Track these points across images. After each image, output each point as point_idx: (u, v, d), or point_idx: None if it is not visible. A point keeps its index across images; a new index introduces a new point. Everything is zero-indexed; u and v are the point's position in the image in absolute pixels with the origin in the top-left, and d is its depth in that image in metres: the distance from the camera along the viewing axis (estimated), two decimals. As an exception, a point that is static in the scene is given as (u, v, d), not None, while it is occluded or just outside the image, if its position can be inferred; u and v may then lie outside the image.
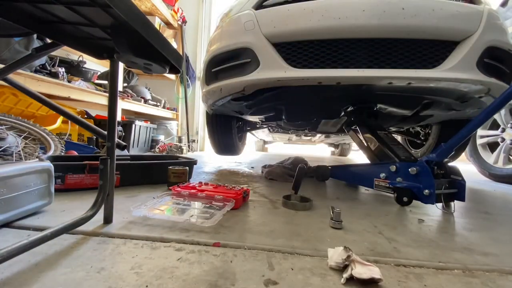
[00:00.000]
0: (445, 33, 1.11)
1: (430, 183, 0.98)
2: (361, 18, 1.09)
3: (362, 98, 1.45)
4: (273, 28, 1.17)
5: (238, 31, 1.25)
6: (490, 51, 1.14)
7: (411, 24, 1.08)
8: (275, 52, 1.18)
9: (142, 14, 0.49)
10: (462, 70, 1.10)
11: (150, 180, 1.26)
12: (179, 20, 3.91)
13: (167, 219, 0.75)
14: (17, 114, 1.78)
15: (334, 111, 1.68)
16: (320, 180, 1.56)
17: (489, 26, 1.12)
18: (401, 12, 1.07)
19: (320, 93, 1.37)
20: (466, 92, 1.21)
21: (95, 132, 1.14)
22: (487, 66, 1.14)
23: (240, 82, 1.25)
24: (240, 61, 1.26)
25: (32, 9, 0.50)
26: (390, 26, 1.09)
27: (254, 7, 1.27)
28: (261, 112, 1.79)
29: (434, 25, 1.08)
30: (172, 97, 4.20)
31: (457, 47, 1.13)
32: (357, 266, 0.49)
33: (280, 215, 0.87)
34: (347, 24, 1.10)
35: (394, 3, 1.09)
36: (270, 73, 1.18)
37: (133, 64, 0.64)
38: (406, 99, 1.39)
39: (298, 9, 1.15)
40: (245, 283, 0.46)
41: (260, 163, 2.57)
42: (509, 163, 2.13)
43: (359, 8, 1.10)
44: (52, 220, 0.70)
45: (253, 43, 1.20)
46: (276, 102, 1.57)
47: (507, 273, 0.56)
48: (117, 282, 0.44)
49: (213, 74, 1.40)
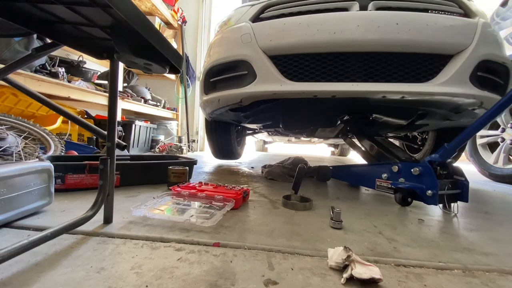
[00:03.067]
0: (439, 47, 1.11)
1: (433, 184, 0.97)
2: (355, 32, 1.10)
3: (357, 108, 1.46)
4: (269, 42, 1.19)
5: (236, 44, 1.27)
6: (483, 64, 1.14)
7: (405, 39, 1.09)
8: (272, 64, 1.20)
9: (142, 14, 0.49)
10: (455, 84, 1.11)
11: (150, 180, 1.26)
12: (179, 20, 3.91)
13: (167, 219, 0.75)
14: (17, 114, 1.78)
15: (331, 121, 1.69)
16: (322, 180, 1.56)
17: (483, 40, 1.12)
18: (395, 27, 1.08)
19: (316, 105, 1.39)
20: (460, 104, 1.22)
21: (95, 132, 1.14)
22: (480, 80, 1.15)
23: (237, 94, 1.27)
24: (237, 73, 1.28)
25: (32, 9, 0.50)
26: (384, 41, 1.10)
27: (251, 20, 1.29)
28: (259, 121, 1.82)
29: (428, 40, 1.09)
30: (172, 97, 4.20)
31: (451, 60, 1.13)
32: (357, 266, 0.49)
33: (280, 215, 0.87)
34: (342, 39, 1.11)
35: (388, 18, 1.10)
36: (266, 86, 1.19)
37: (133, 64, 0.64)
38: (401, 110, 1.41)
39: (294, 23, 1.17)
40: (245, 283, 0.46)
41: (260, 163, 2.57)
42: (509, 163, 2.13)
43: (353, 23, 1.11)
44: (52, 220, 0.70)
45: (250, 55, 1.22)
46: (273, 113, 1.59)
47: (507, 273, 0.56)
48: (117, 282, 0.44)
49: (211, 83, 1.42)
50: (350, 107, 1.42)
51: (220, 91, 1.36)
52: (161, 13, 3.52)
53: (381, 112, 1.49)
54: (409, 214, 0.97)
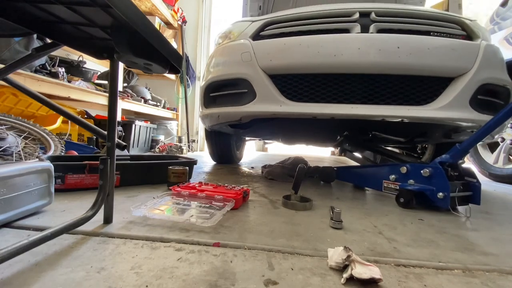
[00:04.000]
0: (439, 70, 1.11)
1: (445, 185, 0.94)
2: (356, 56, 1.10)
3: (356, 126, 1.47)
4: (269, 62, 1.19)
5: (236, 61, 1.27)
6: (484, 87, 1.13)
7: (406, 63, 1.08)
8: (271, 84, 1.20)
9: (142, 14, 0.49)
10: (455, 108, 1.10)
11: (150, 180, 1.26)
12: (179, 20, 3.91)
13: (167, 219, 0.75)
14: (17, 114, 1.78)
15: (330, 138, 1.70)
16: (326, 181, 1.54)
17: (485, 63, 1.12)
18: (396, 51, 1.08)
19: (315, 123, 1.39)
20: (459, 126, 1.23)
21: (95, 132, 1.14)
22: (480, 103, 1.14)
23: (237, 112, 1.28)
24: (237, 90, 1.28)
25: (32, 9, 0.50)
26: (385, 64, 1.10)
27: (251, 37, 1.29)
28: (258, 135, 1.83)
29: (428, 64, 1.09)
30: (172, 97, 4.20)
31: (451, 83, 1.13)
32: (357, 266, 0.49)
33: (280, 215, 0.87)
34: (343, 61, 1.11)
35: (389, 42, 1.10)
36: (266, 107, 1.20)
37: (133, 64, 0.64)
38: (400, 129, 1.41)
39: (294, 44, 1.17)
40: (245, 283, 0.46)
41: (260, 163, 2.57)
42: (509, 163, 2.13)
43: (354, 46, 1.10)
44: (52, 220, 0.70)
45: (249, 74, 1.22)
46: (272, 129, 1.60)
47: (507, 273, 0.56)
48: (117, 282, 0.44)
49: (211, 98, 1.43)
50: (349, 125, 1.42)
51: (219, 107, 1.36)
52: (161, 13, 3.52)
53: (380, 130, 1.50)
54: (409, 214, 0.97)
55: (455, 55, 1.10)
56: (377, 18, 1.16)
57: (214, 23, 4.50)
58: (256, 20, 1.33)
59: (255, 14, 2.45)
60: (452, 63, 1.10)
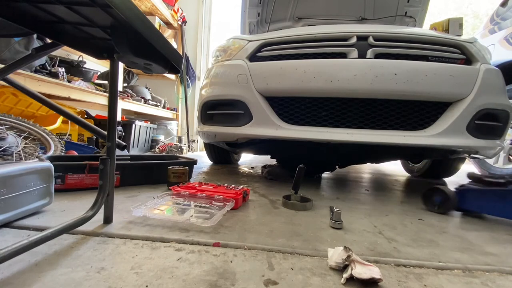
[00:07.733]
0: (437, 96, 1.10)
1: None
2: (353, 82, 1.09)
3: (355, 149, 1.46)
4: (265, 85, 1.19)
5: (232, 83, 1.27)
6: (482, 112, 1.12)
7: (403, 89, 1.08)
8: (268, 106, 1.21)
9: (142, 14, 0.49)
10: (451, 135, 1.09)
11: (150, 180, 1.26)
12: (179, 20, 3.91)
13: (167, 219, 0.75)
14: (17, 114, 1.78)
15: (328, 165, 1.71)
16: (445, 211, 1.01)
17: (484, 88, 1.10)
18: (393, 78, 1.08)
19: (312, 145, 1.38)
20: (455, 150, 1.22)
21: (95, 132, 1.15)
22: (478, 128, 1.13)
23: (233, 134, 1.29)
24: (234, 111, 1.28)
25: (32, 9, 0.50)
26: (382, 91, 1.09)
27: (248, 58, 1.28)
28: (255, 153, 1.85)
29: (426, 90, 1.08)
30: (172, 97, 4.19)
31: (449, 108, 1.12)
32: (357, 266, 0.49)
33: (280, 215, 0.87)
34: (339, 87, 1.11)
35: (386, 68, 1.09)
36: (262, 130, 1.20)
37: (133, 64, 0.64)
38: (397, 151, 1.40)
39: (291, 68, 1.16)
40: (245, 283, 0.46)
41: (260, 163, 2.57)
42: (509, 163, 2.13)
43: (351, 72, 1.10)
44: (52, 220, 0.70)
45: (246, 97, 1.22)
46: (269, 149, 1.62)
47: (507, 273, 0.56)
48: (117, 282, 0.44)
49: (208, 115, 1.43)
50: (347, 149, 1.40)
51: (216, 125, 1.37)
52: (161, 13, 3.52)
53: (377, 153, 1.50)
54: (409, 214, 0.97)
55: (453, 82, 1.09)
56: (375, 43, 1.15)
57: (214, 23, 4.51)
58: (253, 40, 1.32)
59: (254, 21, 2.47)
60: (450, 89, 1.09)
